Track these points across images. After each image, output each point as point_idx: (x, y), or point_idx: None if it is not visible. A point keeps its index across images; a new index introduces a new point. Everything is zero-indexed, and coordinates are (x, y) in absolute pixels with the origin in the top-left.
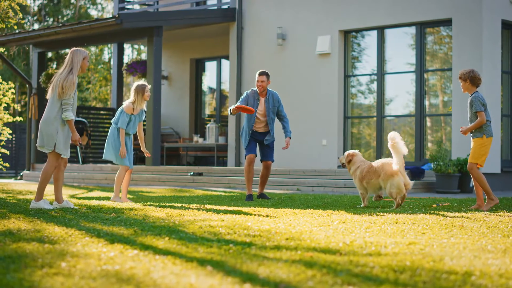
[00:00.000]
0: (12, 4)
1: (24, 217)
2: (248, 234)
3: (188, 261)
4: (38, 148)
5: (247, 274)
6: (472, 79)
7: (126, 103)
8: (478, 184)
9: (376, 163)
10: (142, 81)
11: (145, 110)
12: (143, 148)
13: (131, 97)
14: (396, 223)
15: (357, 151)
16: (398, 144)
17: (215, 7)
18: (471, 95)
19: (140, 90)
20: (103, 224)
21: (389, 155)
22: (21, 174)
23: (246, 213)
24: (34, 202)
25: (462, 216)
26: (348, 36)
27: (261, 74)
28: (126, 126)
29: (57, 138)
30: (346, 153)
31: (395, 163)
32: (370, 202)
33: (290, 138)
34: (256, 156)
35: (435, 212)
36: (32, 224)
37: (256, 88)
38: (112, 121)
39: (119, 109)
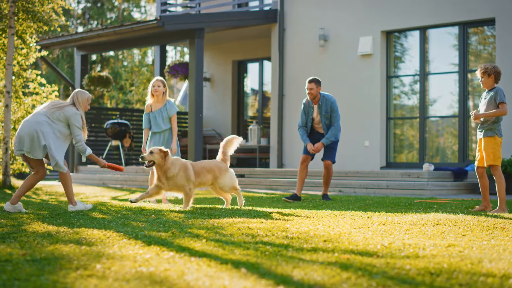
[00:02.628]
0: (55, 7)
1: (63, 219)
2: (286, 236)
3: (223, 263)
4: (27, 155)
5: (282, 276)
6: (497, 75)
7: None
8: (484, 186)
9: (202, 162)
10: (155, 77)
11: (169, 101)
12: (172, 145)
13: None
14: (437, 224)
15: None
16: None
17: (257, 9)
18: (491, 90)
19: (150, 86)
20: (142, 226)
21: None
22: None
23: (286, 215)
24: (71, 206)
25: (504, 218)
26: (390, 37)
27: (310, 81)
28: (149, 124)
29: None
30: (157, 148)
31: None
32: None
33: (323, 144)
34: (311, 157)
35: (477, 213)
36: (71, 226)
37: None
38: None
39: None
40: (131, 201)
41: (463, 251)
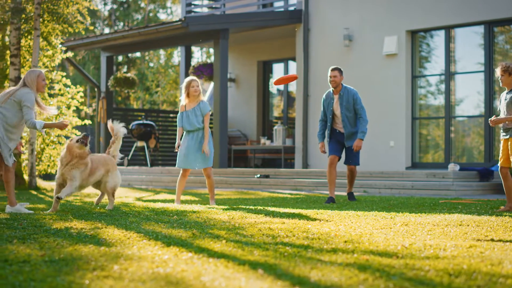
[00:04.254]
0: (80, 9)
1: (86, 220)
2: (306, 237)
3: (240, 264)
4: None
5: (298, 278)
6: None
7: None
8: (508, 187)
9: (96, 155)
10: (190, 77)
11: (203, 101)
12: (204, 145)
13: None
14: (460, 225)
15: None
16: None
17: (282, 9)
18: (510, 90)
19: (186, 86)
20: (163, 227)
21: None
22: None
23: (308, 216)
24: (9, 207)
25: None
26: (416, 36)
27: (333, 69)
28: (182, 123)
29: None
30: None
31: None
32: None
33: (361, 139)
34: (338, 158)
35: (502, 214)
36: (93, 227)
37: (331, 89)
38: None
39: None
40: (58, 198)
41: (484, 252)
